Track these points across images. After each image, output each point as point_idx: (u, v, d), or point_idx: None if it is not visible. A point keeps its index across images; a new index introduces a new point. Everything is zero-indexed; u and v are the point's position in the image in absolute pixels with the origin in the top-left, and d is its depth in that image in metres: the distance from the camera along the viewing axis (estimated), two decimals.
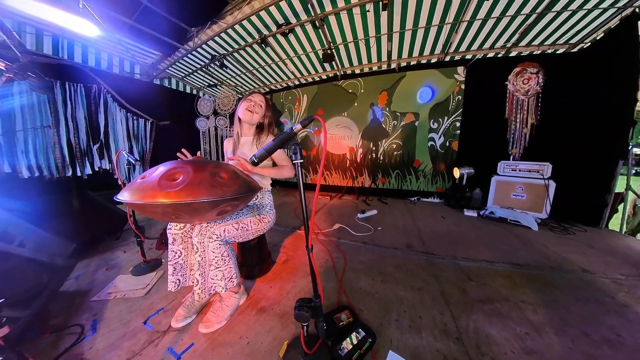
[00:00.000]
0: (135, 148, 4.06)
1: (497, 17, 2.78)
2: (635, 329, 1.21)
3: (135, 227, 1.66)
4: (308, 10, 2.80)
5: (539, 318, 1.29)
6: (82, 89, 3.38)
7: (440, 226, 2.77)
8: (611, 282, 1.64)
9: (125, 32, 3.10)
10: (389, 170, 4.38)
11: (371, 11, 2.82)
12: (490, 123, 3.51)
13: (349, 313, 1.31)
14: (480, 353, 1.08)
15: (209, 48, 3.68)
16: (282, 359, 1.06)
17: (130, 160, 1.76)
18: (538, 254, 2.04)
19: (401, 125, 4.19)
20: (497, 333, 1.20)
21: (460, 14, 2.78)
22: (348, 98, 4.51)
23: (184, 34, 3.42)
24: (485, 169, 3.34)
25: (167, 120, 4.37)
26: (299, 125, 0.85)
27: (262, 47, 3.53)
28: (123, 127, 3.89)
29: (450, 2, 2.63)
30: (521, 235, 2.47)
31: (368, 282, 1.66)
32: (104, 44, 3.47)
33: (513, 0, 2.54)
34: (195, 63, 4.16)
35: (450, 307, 1.41)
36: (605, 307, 1.40)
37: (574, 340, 1.14)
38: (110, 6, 2.62)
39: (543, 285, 1.61)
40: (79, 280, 1.56)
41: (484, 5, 2.60)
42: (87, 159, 3.48)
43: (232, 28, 3.15)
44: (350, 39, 3.38)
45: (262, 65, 4.24)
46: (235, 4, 2.94)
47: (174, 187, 0.90)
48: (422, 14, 2.85)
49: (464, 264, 1.90)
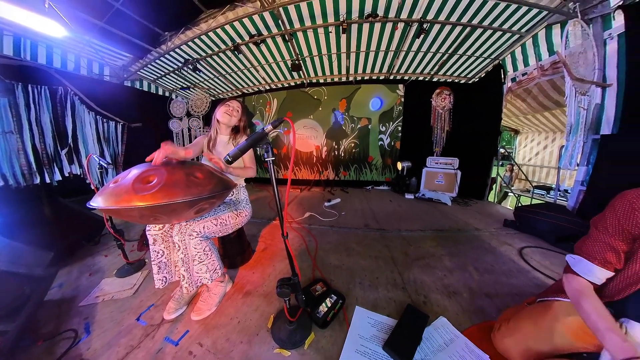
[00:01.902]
0: (107, 151, 3.47)
1: (424, 52, 3.33)
2: (501, 261, 1.69)
3: (113, 231, 1.47)
4: (279, 25, 2.80)
5: (451, 264, 1.65)
6: (46, 92, 2.78)
7: (389, 208, 3.09)
8: (489, 234, 2.19)
9: (95, 34, 2.62)
10: (349, 165, 4.65)
11: (333, 32, 2.97)
12: (421, 128, 4.09)
13: (323, 284, 1.36)
14: (417, 294, 1.32)
15: (182, 52, 3.30)
16: (271, 329, 1.06)
17: (102, 164, 1.55)
18: (451, 221, 2.52)
19: (357, 127, 4.49)
20: (427, 278, 1.47)
21: (400, 45, 3.19)
22: (313, 103, 4.59)
23: (157, 38, 3.02)
24: (418, 163, 3.88)
25: (139, 122, 3.79)
26: (270, 126, 0.82)
27: (235, 54, 3.33)
28: (93, 130, 3.29)
29: (393, 35, 2.99)
30: (441, 209, 2.99)
31: (336, 257, 1.74)
32: (71, 45, 2.86)
33: (434, 41, 3.07)
34: (167, 66, 3.69)
35: (397, 267, 1.62)
36: (485, 250, 1.87)
37: (470, 273, 1.53)
38: (79, 7, 2.18)
39: (453, 242, 2.02)
40: (63, 287, 1.36)
41: (416, 41, 3.04)
42: (55, 164, 2.92)
43: (206, 35, 2.90)
44: (316, 53, 3.47)
45: (235, 71, 3.99)
46: (210, 14, 2.72)
47: (149, 190, 0.81)
48: (373, 40, 3.14)
49: (406, 234, 2.20)
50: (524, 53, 3.03)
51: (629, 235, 0.66)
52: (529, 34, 2.76)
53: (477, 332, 1.04)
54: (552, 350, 0.75)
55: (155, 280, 1.16)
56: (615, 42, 2.06)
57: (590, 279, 0.70)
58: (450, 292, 1.34)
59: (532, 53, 2.91)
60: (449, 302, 1.26)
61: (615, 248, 0.68)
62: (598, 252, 0.70)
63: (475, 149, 3.59)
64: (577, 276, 0.72)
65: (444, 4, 2.45)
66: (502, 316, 0.98)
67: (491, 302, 1.26)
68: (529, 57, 2.98)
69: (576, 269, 0.73)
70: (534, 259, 1.75)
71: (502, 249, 1.91)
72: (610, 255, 0.68)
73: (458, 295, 1.32)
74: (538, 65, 2.83)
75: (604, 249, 0.69)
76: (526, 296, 1.05)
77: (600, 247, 0.70)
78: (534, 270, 1.60)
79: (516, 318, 0.89)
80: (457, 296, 1.31)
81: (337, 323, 1.11)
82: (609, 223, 0.69)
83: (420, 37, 2.88)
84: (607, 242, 0.69)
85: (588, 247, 0.73)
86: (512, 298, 1.29)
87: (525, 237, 2.13)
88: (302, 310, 1.06)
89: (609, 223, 0.69)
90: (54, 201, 2.14)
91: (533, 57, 2.91)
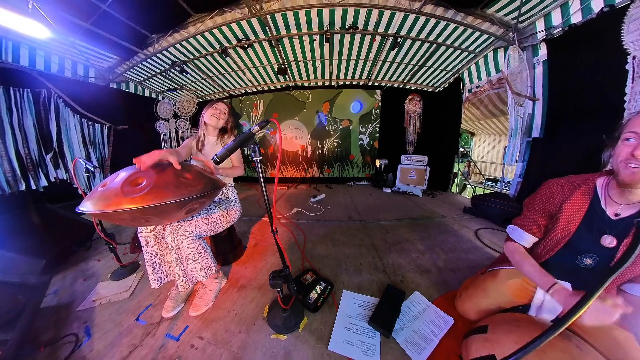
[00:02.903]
0: (93, 155, 3.12)
1: (398, 62, 3.51)
2: (461, 241, 1.89)
3: (104, 235, 1.38)
4: (266, 31, 2.74)
5: (422, 247, 1.79)
6: (29, 95, 2.46)
7: (369, 201, 3.20)
8: (452, 219, 2.41)
9: (80, 35, 2.35)
10: (332, 163, 4.72)
11: (317, 40, 2.99)
12: (396, 130, 4.30)
13: (312, 273, 1.37)
14: (395, 275, 1.41)
15: (169, 54, 3.07)
16: (267, 317, 1.06)
17: (88, 167, 1.42)
18: (422, 210, 2.72)
19: (340, 128, 4.56)
20: (403, 261, 1.57)
21: (377, 55, 3.31)
22: (298, 105, 4.56)
23: (144, 40, 2.77)
24: (394, 160, 4.07)
25: (126, 124, 3.45)
26: (256, 126, 0.79)
27: (223, 57, 3.18)
28: (78, 133, 2.94)
29: (371, 46, 3.09)
30: (414, 201, 3.19)
31: (323, 248, 1.75)
32: (55, 46, 2.54)
33: (406, 54, 3.25)
34: (154, 68, 3.40)
35: (378, 253, 1.69)
36: (449, 233, 2.06)
37: (437, 254, 1.68)
38: (65, 8, 1.94)
39: (424, 228, 2.18)
40: (59, 294, 1.27)
41: (391, 53, 3.19)
42: (40, 170, 2.59)
43: (194, 37, 2.74)
44: (301, 59, 3.46)
45: (222, 73, 3.81)
46: (199, 17, 2.56)
47: (138, 192, 0.76)
48: (353, 50, 3.21)
49: (384, 223, 2.29)
50: (477, 69, 3.38)
51: (549, 213, 0.84)
52: (481, 54, 3.09)
53: (444, 300, 1.18)
54: (498, 307, 0.92)
55: (150, 281, 1.11)
56: (541, 66, 2.41)
57: (521, 242, 0.88)
58: (422, 271, 1.47)
59: (483, 70, 3.27)
60: (421, 279, 1.39)
61: (538, 222, 0.86)
62: (527, 225, 0.88)
63: (440, 148, 3.91)
64: (512, 241, 0.90)
65: (415, 22, 2.61)
66: (462, 286, 1.13)
67: (454, 275, 1.42)
68: (482, 73, 3.33)
69: (512, 236, 0.90)
70: (486, 238, 1.97)
71: (462, 231, 2.12)
72: (535, 227, 0.86)
73: (428, 273, 1.45)
74: (488, 80, 3.22)
75: (531, 222, 0.87)
76: (480, 268, 1.17)
77: (528, 221, 0.88)
78: (486, 247, 1.81)
79: (473, 286, 1.05)
80: (427, 273, 1.44)
81: (327, 306, 1.15)
82: (535, 204, 0.87)
83: (394, 50, 3.03)
84: (533, 217, 0.87)
85: (521, 221, 0.90)
86: (470, 270, 1.46)
87: (480, 221, 2.39)
88: (295, 298, 1.07)
89: (535, 204, 0.87)
90: (41, 208, 1.93)
91: (484, 73, 3.27)
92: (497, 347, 0.68)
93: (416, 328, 1.02)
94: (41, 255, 1.39)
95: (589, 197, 0.75)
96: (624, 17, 1.54)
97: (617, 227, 0.69)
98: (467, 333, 0.87)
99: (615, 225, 0.70)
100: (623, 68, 1.59)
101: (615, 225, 0.70)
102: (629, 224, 0.67)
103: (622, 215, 0.69)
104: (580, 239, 0.76)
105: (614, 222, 0.70)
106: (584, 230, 0.75)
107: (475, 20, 2.51)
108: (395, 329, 1.01)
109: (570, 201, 0.77)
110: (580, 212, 0.76)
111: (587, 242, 0.75)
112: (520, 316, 0.82)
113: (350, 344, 0.95)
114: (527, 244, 0.87)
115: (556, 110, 2.27)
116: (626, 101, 1.62)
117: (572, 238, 0.77)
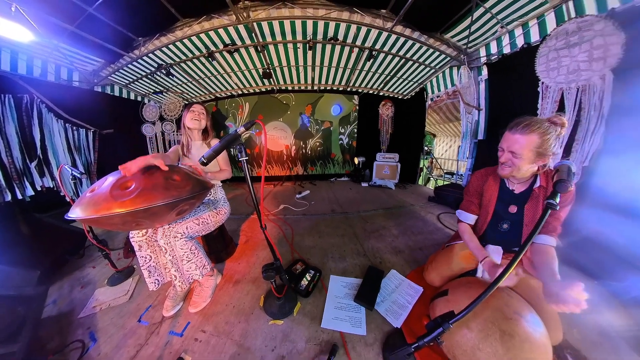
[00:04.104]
0: (79, 160, 2.76)
1: (373, 72, 3.64)
2: (427, 225, 2.05)
3: (96, 242, 1.28)
4: (252, 38, 2.65)
5: (396, 232, 1.92)
6: (10, 100, 2.14)
7: (349, 195, 3.29)
8: (419, 207, 2.62)
9: (64, 38, 2.07)
10: (315, 161, 4.73)
11: (301, 48, 2.97)
12: (372, 131, 4.46)
13: (302, 263, 1.39)
14: (375, 257, 1.50)
15: (155, 57, 2.80)
16: (263, 307, 1.08)
17: (75, 174, 1.31)
18: (395, 201, 2.90)
19: (322, 129, 4.59)
20: (381, 245, 1.67)
21: (355, 65, 3.40)
22: (283, 107, 4.48)
23: (130, 42, 2.50)
24: (370, 158, 4.24)
25: (111, 128, 3.08)
26: (242, 128, 0.76)
27: (209, 60, 2.99)
28: (62, 139, 2.59)
29: (350, 56, 3.16)
30: (388, 193, 3.37)
31: (310, 240, 1.78)
32: (37, 49, 2.21)
33: (380, 65, 3.40)
34: (140, 70, 3.07)
35: (359, 240, 1.76)
36: (417, 218, 2.23)
37: (408, 236, 1.82)
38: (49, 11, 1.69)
39: (397, 216, 2.33)
40: (58, 303, 1.19)
41: (367, 64, 3.29)
42: (25, 178, 2.26)
43: (180, 41, 2.53)
44: (285, 64, 3.40)
45: (208, 76, 3.56)
46: (186, 22, 2.38)
47: (128, 196, 0.71)
48: (334, 58, 3.25)
49: (363, 214, 2.38)
50: (437, 82, 3.69)
51: (479, 194, 1.01)
52: (440, 70, 3.40)
53: (415, 274, 1.32)
54: (455, 273, 1.09)
55: (147, 284, 1.07)
56: (483, 83, 2.77)
57: (468, 221, 1.04)
58: (397, 251, 1.60)
59: (442, 83, 3.60)
60: (396, 258, 1.51)
61: (474, 202, 1.02)
62: (468, 207, 1.05)
63: (409, 147, 4.18)
64: (462, 222, 1.05)
65: (387, 39, 2.75)
66: (428, 261, 1.28)
67: (422, 253, 1.58)
68: (441, 85, 3.65)
69: (461, 218, 1.06)
70: (446, 221, 2.19)
71: (427, 216, 2.32)
72: (474, 207, 1.03)
73: (402, 253, 1.58)
74: (446, 91, 3.57)
75: (470, 203, 1.04)
76: (441, 244, 1.30)
77: (468, 203, 1.05)
78: (446, 228, 2.02)
79: (436, 260, 1.20)
80: (401, 253, 1.57)
81: (317, 291, 1.19)
82: (470, 190, 1.04)
83: (370, 61, 3.14)
84: (470, 200, 1.04)
85: (464, 205, 1.07)
86: (434, 248, 1.62)
87: (441, 207, 2.63)
88: (287, 286, 1.08)
89: (470, 190, 1.04)
90: (29, 218, 1.74)
91: (443, 85, 3.60)
92: (455, 305, 0.81)
93: (394, 299, 1.13)
94: (34, 267, 1.27)
95: (498, 181, 0.96)
96: (537, 52, 1.86)
97: (517, 199, 0.92)
98: (433, 297, 1.00)
99: (516, 197, 0.92)
100: (536, 90, 1.92)
101: (516, 198, 0.92)
102: (524, 195, 0.90)
103: (517, 191, 0.92)
104: (498, 211, 0.96)
105: (515, 196, 0.92)
106: (499, 204, 0.95)
107: (436, 42, 2.77)
108: (377, 302, 1.10)
109: (487, 184, 0.98)
110: (495, 192, 0.96)
111: (502, 212, 0.95)
112: (471, 279, 0.98)
113: (340, 320, 1.02)
114: (471, 221, 1.04)
115: (494, 118, 2.67)
116: (538, 114, 1.95)
117: (494, 211, 0.96)
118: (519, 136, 0.78)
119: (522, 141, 0.77)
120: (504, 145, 0.83)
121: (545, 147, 0.76)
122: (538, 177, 0.87)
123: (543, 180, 0.85)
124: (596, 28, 1.51)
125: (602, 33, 1.48)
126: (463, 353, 0.72)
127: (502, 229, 0.96)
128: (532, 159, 0.79)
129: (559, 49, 1.72)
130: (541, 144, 0.75)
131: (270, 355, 0.89)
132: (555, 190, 0.60)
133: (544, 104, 1.91)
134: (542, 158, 0.78)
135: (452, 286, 0.96)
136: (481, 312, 0.73)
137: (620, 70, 1.43)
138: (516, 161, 0.81)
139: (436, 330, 0.63)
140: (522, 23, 2.14)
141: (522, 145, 0.77)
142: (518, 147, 0.78)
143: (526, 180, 0.90)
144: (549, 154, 0.77)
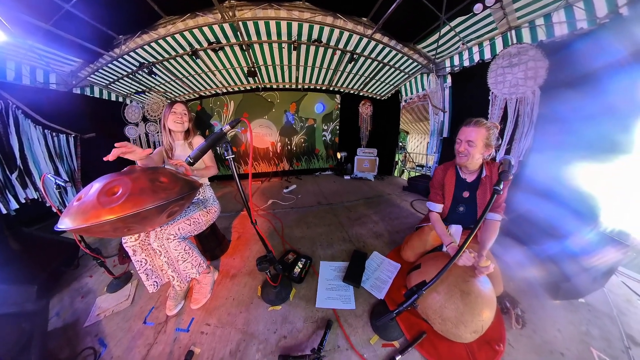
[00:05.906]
0: (62, 168, 2.38)
1: (354, 73, 3.66)
2: (402, 211, 2.19)
3: (90, 251, 1.19)
4: (237, 36, 2.47)
5: (376, 218, 2.03)
6: None
7: (333, 187, 3.34)
8: (395, 196, 2.78)
9: (39, 38, 1.76)
10: (300, 157, 4.66)
11: (286, 48, 2.85)
12: (352, 128, 4.53)
13: (293, 253, 1.41)
14: (359, 242, 1.57)
15: (137, 55, 2.46)
16: (261, 296, 1.10)
17: (59, 183, 1.18)
18: (374, 191, 3.03)
19: (306, 126, 4.51)
20: (363, 231, 1.78)
21: (337, 66, 3.38)
22: (267, 105, 4.30)
23: (110, 41, 2.17)
24: (351, 153, 4.31)
25: (93, 132, 2.69)
26: (227, 126, 0.73)
27: (193, 58, 2.72)
28: (42, 146, 2.22)
29: (332, 58, 3.12)
30: (368, 184, 3.50)
31: (299, 231, 1.80)
32: (10, 51, 1.85)
33: (360, 68, 3.43)
34: (121, 70, 2.68)
35: (344, 228, 1.82)
36: (394, 206, 2.36)
37: (387, 222, 1.94)
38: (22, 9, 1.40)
39: (376, 204, 2.44)
40: (61, 315, 1.11)
41: (348, 66, 3.30)
42: (8, 192, 1.95)
43: (163, 39, 2.25)
44: (270, 63, 3.24)
45: (193, 75, 3.24)
46: (170, 20, 2.12)
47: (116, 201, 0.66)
48: (317, 59, 3.18)
49: (347, 204, 2.47)
50: (410, 86, 3.87)
51: (441, 185, 1.14)
52: (413, 75, 3.57)
53: (394, 253, 1.43)
54: (426, 250, 1.21)
55: (147, 287, 1.04)
56: (448, 89, 3.04)
57: (437, 210, 1.16)
58: (378, 235, 1.70)
59: (415, 87, 3.79)
60: (377, 241, 1.61)
61: (439, 193, 1.15)
62: (435, 198, 1.17)
63: (385, 143, 4.37)
64: (432, 211, 1.17)
65: (367, 44, 2.78)
66: (404, 241, 1.39)
67: (399, 235, 1.70)
68: (413, 89, 3.83)
69: (431, 208, 1.18)
70: (418, 207, 2.36)
71: (402, 204, 2.48)
72: (439, 197, 1.15)
73: (382, 236, 1.69)
74: (417, 94, 3.78)
75: (436, 195, 1.16)
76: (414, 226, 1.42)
77: (435, 195, 1.17)
78: (418, 213, 2.19)
79: (410, 240, 1.32)
80: (381, 237, 1.68)
81: (309, 277, 1.24)
82: (434, 183, 1.17)
83: (351, 63, 3.15)
84: (435, 191, 1.17)
85: (431, 197, 1.19)
86: (409, 230, 1.76)
87: (414, 195, 2.83)
88: (282, 275, 1.10)
89: (434, 183, 1.17)
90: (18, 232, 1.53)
91: (415, 89, 3.80)
92: (426, 275, 0.92)
93: (377, 276, 1.23)
94: (30, 282, 1.15)
95: (454, 173, 1.11)
96: (489, 68, 2.18)
97: (470, 186, 1.08)
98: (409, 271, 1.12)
99: (468, 185, 1.08)
100: (487, 98, 2.22)
101: (469, 185, 1.08)
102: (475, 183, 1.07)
103: (469, 180, 1.08)
104: (456, 196, 1.10)
105: (468, 184, 1.09)
106: (456, 191, 1.10)
107: (410, 51, 2.92)
108: (363, 280, 1.19)
109: (447, 176, 1.12)
110: (452, 182, 1.10)
111: (458, 197, 1.10)
112: (439, 254, 1.12)
113: (332, 299, 1.10)
114: (439, 209, 1.17)
115: (456, 119, 2.97)
116: (489, 118, 2.27)
117: (453, 197, 1.11)
118: (472, 128, 0.95)
119: (475, 133, 0.94)
120: (462, 137, 0.99)
121: (490, 139, 0.95)
122: (484, 168, 1.03)
123: (487, 170, 1.03)
124: (530, 54, 1.81)
125: (534, 58, 1.79)
126: (434, 312, 0.84)
127: (459, 211, 1.11)
128: (482, 149, 0.96)
129: (504, 67, 2.02)
130: (488, 136, 0.95)
131: (273, 337, 0.92)
132: (500, 179, 0.71)
133: (493, 110, 2.22)
134: (488, 149, 0.96)
135: (423, 261, 1.08)
136: (446, 279, 0.86)
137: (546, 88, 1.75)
138: (471, 150, 0.95)
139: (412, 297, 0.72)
140: (479, 43, 2.41)
141: (476, 136, 0.94)
142: (474, 136, 0.94)
143: (475, 171, 1.06)
144: (492, 145, 0.96)
